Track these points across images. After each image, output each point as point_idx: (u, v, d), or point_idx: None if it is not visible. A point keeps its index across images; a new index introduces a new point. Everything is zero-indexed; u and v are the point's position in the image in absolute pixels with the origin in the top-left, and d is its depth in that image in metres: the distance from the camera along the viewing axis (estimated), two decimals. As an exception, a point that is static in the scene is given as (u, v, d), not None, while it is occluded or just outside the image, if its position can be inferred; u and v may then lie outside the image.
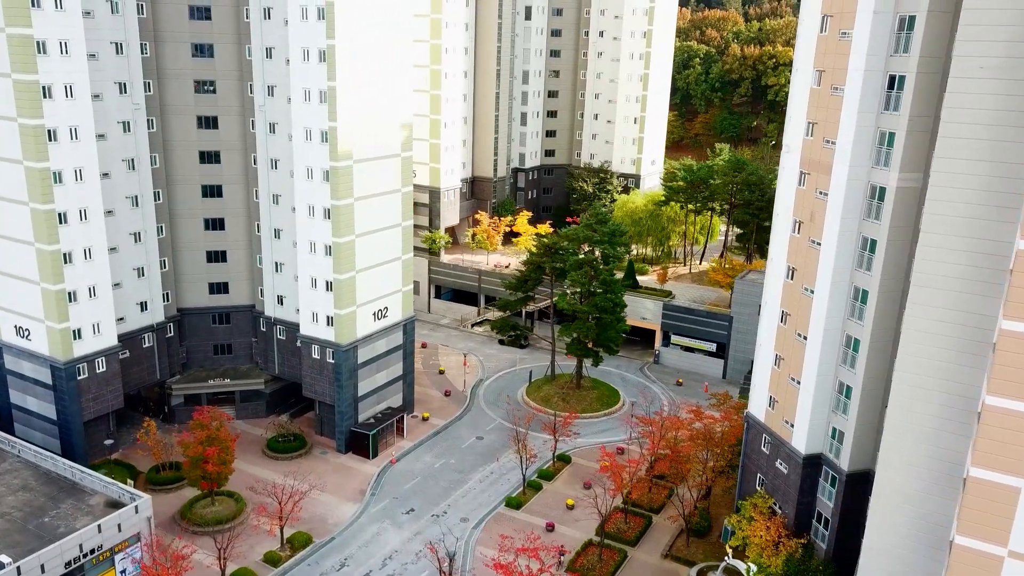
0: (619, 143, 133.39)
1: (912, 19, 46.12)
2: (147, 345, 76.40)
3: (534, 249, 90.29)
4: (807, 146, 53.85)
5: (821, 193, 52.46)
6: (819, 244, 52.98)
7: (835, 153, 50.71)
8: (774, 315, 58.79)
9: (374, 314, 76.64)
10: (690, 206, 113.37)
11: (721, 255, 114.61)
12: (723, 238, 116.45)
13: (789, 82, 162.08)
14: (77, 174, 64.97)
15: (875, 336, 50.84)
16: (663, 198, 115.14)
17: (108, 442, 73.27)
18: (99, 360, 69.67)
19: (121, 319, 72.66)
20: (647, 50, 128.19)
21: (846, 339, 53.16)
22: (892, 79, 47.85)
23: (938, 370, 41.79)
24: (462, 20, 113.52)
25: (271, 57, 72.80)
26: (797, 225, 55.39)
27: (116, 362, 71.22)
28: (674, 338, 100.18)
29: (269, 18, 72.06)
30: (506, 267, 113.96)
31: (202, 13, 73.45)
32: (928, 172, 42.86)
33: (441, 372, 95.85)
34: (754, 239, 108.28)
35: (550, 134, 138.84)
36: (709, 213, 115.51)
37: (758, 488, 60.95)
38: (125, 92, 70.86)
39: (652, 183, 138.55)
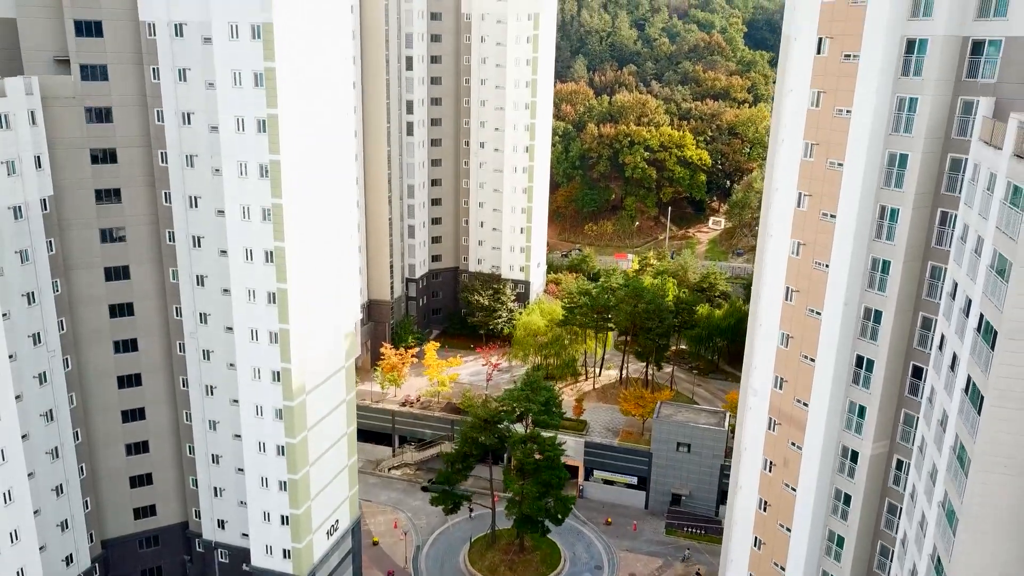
0: (507, 251, 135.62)
1: (887, 263, 50.88)
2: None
3: (468, 421, 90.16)
4: (775, 397, 58.44)
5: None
6: (794, 490, 57.76)
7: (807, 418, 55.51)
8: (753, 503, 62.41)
9: (327, 532, 74.04)
10: (589, 328, 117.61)
11: (621, 378, 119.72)
12: (622, 357, 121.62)
13: (643, 161, 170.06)
14: None
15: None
16: (562, 317, 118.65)
17: None
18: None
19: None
20: (530, 164, 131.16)
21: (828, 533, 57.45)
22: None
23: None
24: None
25: (203, 285, 68.10)
26: (769, 464, 60.00)
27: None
28: (596, 472, 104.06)
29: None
30: (417, 400, 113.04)
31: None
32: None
33: (375, 543, 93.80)
34: (653, 359, 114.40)
35: (436, 240, 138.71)
36: (608, 332, 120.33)
37: None
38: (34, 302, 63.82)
39: (539, 281, 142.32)
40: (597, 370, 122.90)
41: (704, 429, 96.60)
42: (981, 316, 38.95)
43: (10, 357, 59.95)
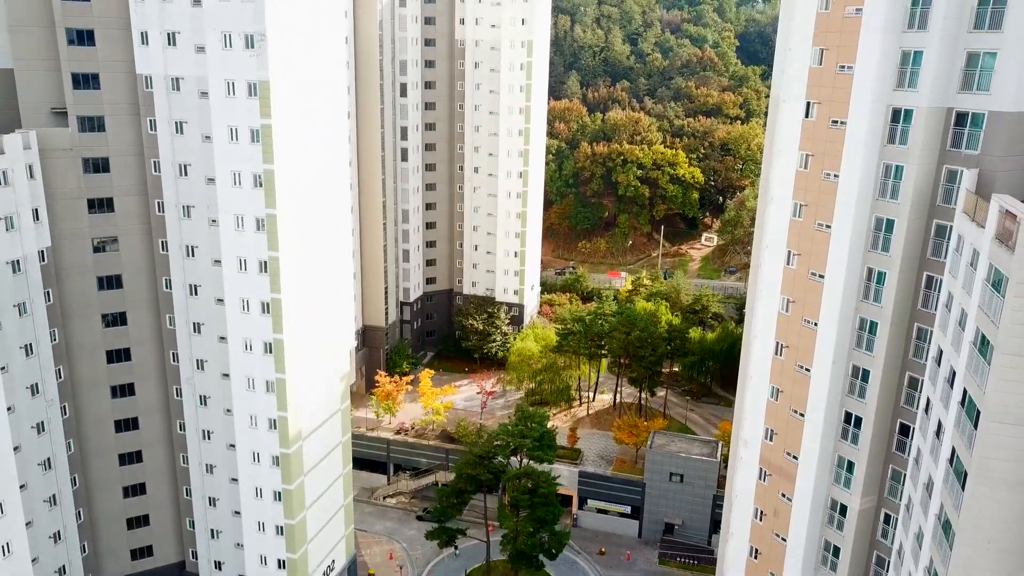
0: (501, 274, 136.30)
1: (874, 324, 51.88)
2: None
3: (462, 457, 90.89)
4: (765, 449, 59.36)
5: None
6: (784, 540, 58.70)
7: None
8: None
9: (324, 573, 74.69)
10: (583, 352, 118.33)
11: (615, 403, 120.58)
12: (616, 380, 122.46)
13: (636, 179, 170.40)
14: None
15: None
16: (556, 343, 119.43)
17: None
18: None
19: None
20: (524, 189, 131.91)
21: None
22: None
23: None
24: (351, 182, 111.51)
25: (199, 332, 68.72)
26: (760, 514, 60.91)
27: None
28: (590, 501, 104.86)
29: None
30: (412, 428, 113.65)
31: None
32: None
33: (371, 575, 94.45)
34: (646, 385, 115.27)
35: (430, 263, 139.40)
36: (602, 358, 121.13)
37: None
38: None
39: (533, 304, 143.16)
40: (591, 395, 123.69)
41: (697, 460, 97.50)
42: (965, 392, 39.90)
43: (8, 409, 60.52)
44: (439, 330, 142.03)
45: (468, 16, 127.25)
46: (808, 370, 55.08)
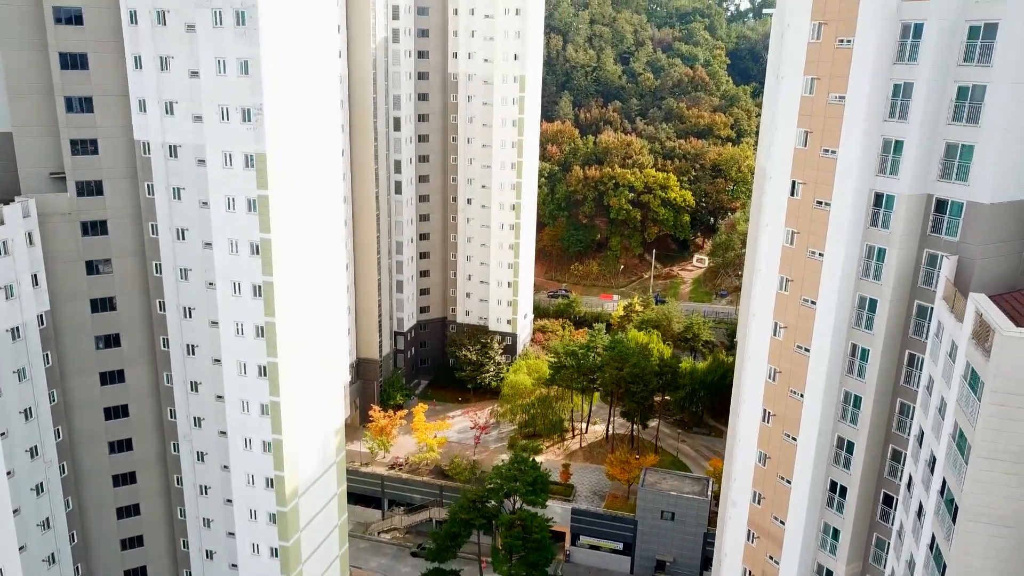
0: (494, 304, 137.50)
1: (858, 398, 53.23)
2: None
3: (456, 502, 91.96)
4: (753, 511, 60.60)
5: (772, 559, 59.38)
6: (772, 601, 59.93)
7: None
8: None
9: (321, 623, 75.76)
10: (575, 386, 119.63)
11: (607, 435, 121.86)
12: (608, 410, 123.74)
13: (628, 203, 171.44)
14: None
15: None
16: (549, 376, 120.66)
17: None
18: None
19: None
20: (516, 221, 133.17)
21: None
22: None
23: None
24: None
25: (197, 391, 69.65)
26: (747, 574, 62.16)
27: None
28: (583, 537, 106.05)
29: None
30: (406, 462, 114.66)
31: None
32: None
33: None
34: (638, 418, 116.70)
35: (424, 292, 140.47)
36: (594, 393, 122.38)
37: None
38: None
39: (526, 333, 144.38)
40: (584, 426, 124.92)
41: (688, 499, 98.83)
42: (944, 483, 41.20)
43: (8, 474, 61.29)
44: (433, 358, 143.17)
45: (461, 50, 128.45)
46: (794, 439, 56.36)
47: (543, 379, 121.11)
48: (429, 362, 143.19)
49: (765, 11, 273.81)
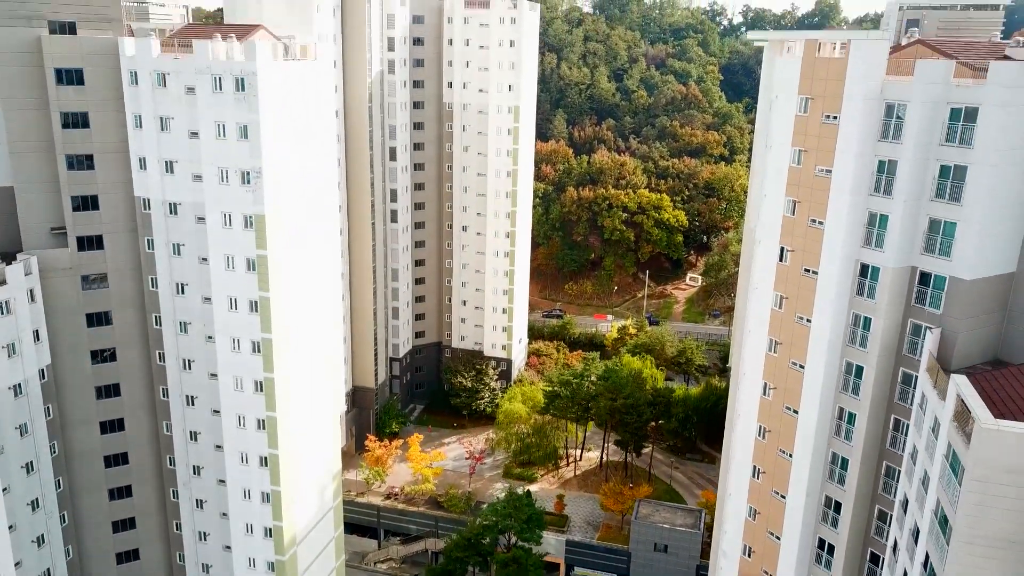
0: (489, 330, 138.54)
1: (845, 460, 54.46)
2: None
3: (452, 540, 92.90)
4: (744, 564, 61.85)
5: None
6: (762, 652, 61.18)
7: (775, 589, 58.95)
8: None
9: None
10: (570, 416, 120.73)
11: (601, 463, 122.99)
12: (603, 436, 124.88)
13: (621, 224, 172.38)
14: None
15: None
16: (544, 404, 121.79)
17: None
18: None
19: None
20: (511, 248, 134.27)
21: None
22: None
23: None
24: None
25: (196, 440, 70.57)
26: (738, 624, 63.42)
27: None
28: (577, 568, 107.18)
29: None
30: (401, 492, 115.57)
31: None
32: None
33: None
34: (632, 447, 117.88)
35: (419, 317, 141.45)
36: (588, 421, 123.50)
37: None
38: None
39: (520, 357, 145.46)
40: (579, 453, 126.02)
41: (681, 532, 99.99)
42: (927, 557, 42.47)
43: (10, 528, 62.16)
44: (428, 383, 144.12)
45: (456, 80, 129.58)
46: (784, 497, 57.61)
47: (537, 407, 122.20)
48: (424, 387, 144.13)
49: (757, 25, 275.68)
